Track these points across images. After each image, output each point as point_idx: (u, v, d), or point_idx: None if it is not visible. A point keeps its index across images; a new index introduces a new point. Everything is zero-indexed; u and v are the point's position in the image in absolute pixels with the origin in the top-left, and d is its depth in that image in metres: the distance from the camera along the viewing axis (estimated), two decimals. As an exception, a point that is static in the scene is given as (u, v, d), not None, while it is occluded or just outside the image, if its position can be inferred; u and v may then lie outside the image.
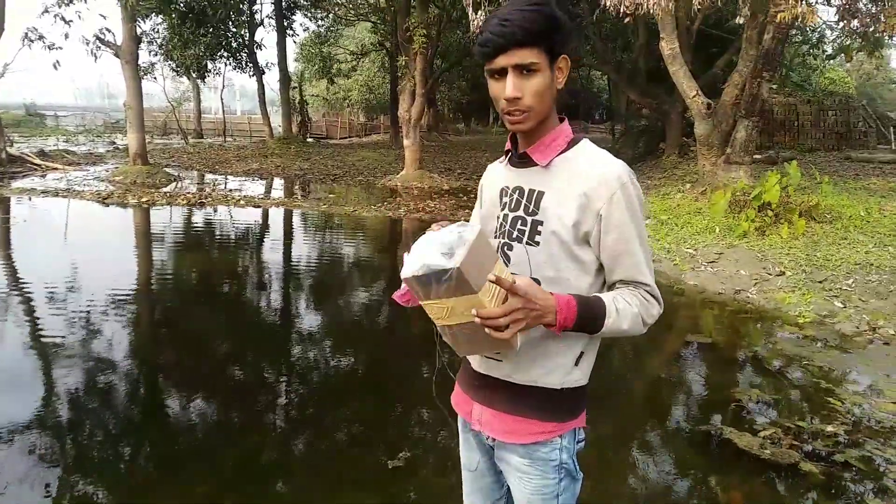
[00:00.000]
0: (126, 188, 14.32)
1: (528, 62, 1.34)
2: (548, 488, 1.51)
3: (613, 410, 4.03)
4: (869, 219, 8.69)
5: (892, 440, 3.57)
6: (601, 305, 1.36)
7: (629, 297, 1.40)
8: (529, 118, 1.39)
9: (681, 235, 8.74)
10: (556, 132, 1.46)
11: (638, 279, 1.43)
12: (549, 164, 1.44)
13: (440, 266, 1.23)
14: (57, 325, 5.37)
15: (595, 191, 1.39)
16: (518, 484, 1.54)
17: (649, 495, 3.13)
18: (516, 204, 1.48)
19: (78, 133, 33.41)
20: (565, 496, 1.54)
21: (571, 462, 1.53)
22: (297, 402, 4.21)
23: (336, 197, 14.37)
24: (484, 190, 1.64)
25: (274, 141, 26.49)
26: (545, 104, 1.40)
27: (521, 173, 1.49)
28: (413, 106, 16.39)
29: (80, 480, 3.11)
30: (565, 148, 1.45)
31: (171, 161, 20.72)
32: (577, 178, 1.41)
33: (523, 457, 1.51)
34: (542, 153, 1.45)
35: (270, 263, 8.50)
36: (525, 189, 1.47)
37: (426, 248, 1.28)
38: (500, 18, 1.34)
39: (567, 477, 1.53)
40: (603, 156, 1.44)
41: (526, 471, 1.51)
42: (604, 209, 1.38)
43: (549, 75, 1.38)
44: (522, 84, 1.36)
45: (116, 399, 4.07)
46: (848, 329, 5.47)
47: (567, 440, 1.51)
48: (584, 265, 1.44)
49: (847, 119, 20.56)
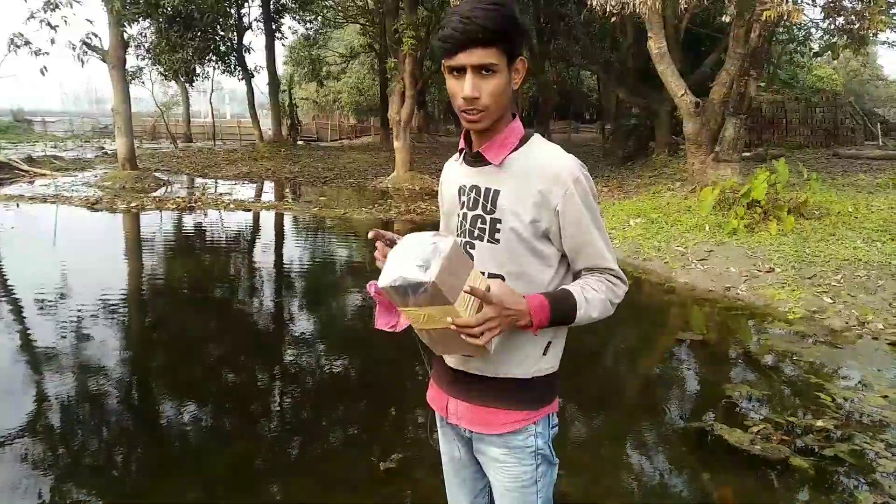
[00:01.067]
0: (115, 193, 14.25)
1: (488, 62, 1.36)
2: (526, 475, 1.54)
3: (606, 408, 4.04)
4: (857, 215, 8.75)
5: (881, 434, 3.59)
6: (571, 300, 1.41)
7: (595, 284, 1.46)
8: (485, 118, 1.41)
9: (671, 234, 8.77)
10: (508, 130, 1.48)
11: (601, 265, 1.48)
12: (502, 163, 1.47)
13: (416, 279, 1.26)
14: (46, 331, 5.34)
15: (549, 188, 1.42)
16: (496, 474, 1.57)
17: (642, 492, 3.13)
18: (474, 203, 1.50)
19: (66, 139, 33.23)
20: (543, 481, 1.57)
21: (547, 448, 1.56)
22: (288, 406, 4.20)
23: (327, 199, 14.35)
24: (443, 188, 1.67)
25: (264, 144, 26.43)
26: (501, 105, 1.41)
27: (477, 172, 1.51)
28: (403, 107, 16.39)
29: (72, 487, 3.09)
30: (517, 145, 1.48)
31: (160, 166, 20.63)
32: (530, 177, 1.44)
33: (500, 446, 1.54)
34: (495, 152, 1.47)
35: (261, 267, 8.47)
36: (482, 188, 1.49)
37: (402, 258, 1.30)
38: (461, 15, 1.34)
39: (544, 462, 1.56)
40: (554, 152, 1.47)
41: (503, 460, 1.54)
42: (560, 205, 1.42)
43: (506, 76, 1.39)
44: (481, 84, 1.37)
45: (107, 405, 4.04)
46: (837, 324, 5.50)
47: (541, 426, 1.55)
48: (545, 259, 1.48)
49: (834, 116, 20.73)
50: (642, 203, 10.88)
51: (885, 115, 27.29)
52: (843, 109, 21.15)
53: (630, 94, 18.33)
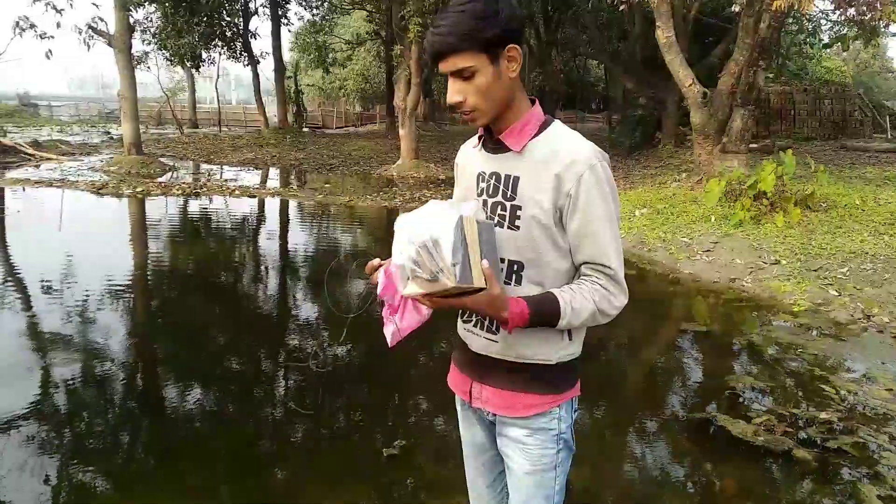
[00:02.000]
0: (121, 178, 14.27)
1: (462, 67, 1.37)
2: (546, 458, 1.56)
3: (608, 398, 4.04)
4: (864, 208, 8.70)
5: (885, 427, 3.59)
6: (556, 308, 1.39)
7: (587, 293, 1.42)
8: (479, 116, 1.43)
9: (676, 224, 8.74)
10: (528, 117, 1.47)
11: (602, 262, 1.43)
12: (523, 150, 1.46)
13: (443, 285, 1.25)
14: (52, 315, 5.36)
15: (565, 172, 1.41)
16: (517, 456, 1.57)
17: (644, 482, 3.14)
18: (494, 189, 1.50)
19: (72, 123, 33.25)
20: (562, 467, 1.59)
21: (569, 432, 1.59)
22: (292, 392, 4.21)
23: (332, 187, 14.34)
24: (460, 173, 1.66)
25: (269, 131, 26.38)
26: (493, 100, 1.41)
27: (497, 158, 1.51)
28: (409, 95, 16.33)
29: (77, 469, 3.11)
30: (537, 132, 1.47)
31: (165, 151, 20.64)
32: (549, 162, 1.43)
33: (523, 428, 1.54)
34: (515, 139, 1.47)
35: (266, 253, 8.48)
36: (501, 175, 1.49)
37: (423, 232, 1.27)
38: (434, 26, 1.38)
39: (565, 448, 1.58)
40: (573, 137, 1.46)
41: (526, 442, 1.55)
42: (572, 189, 1.40)
43: (491, 71, 1.38)
44: (464, 87, 1.39)
45: (112, 389, 4.07)
46: (842, 317, 5.48)
47: (564, 410, 1.56)
48: (562, 249, 1.46)
49: (843, 108, 20.58)
50: (648, 194, 10.84)
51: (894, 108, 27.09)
52: (852, 101, 20.99)
53: (637, 83, 18.22)
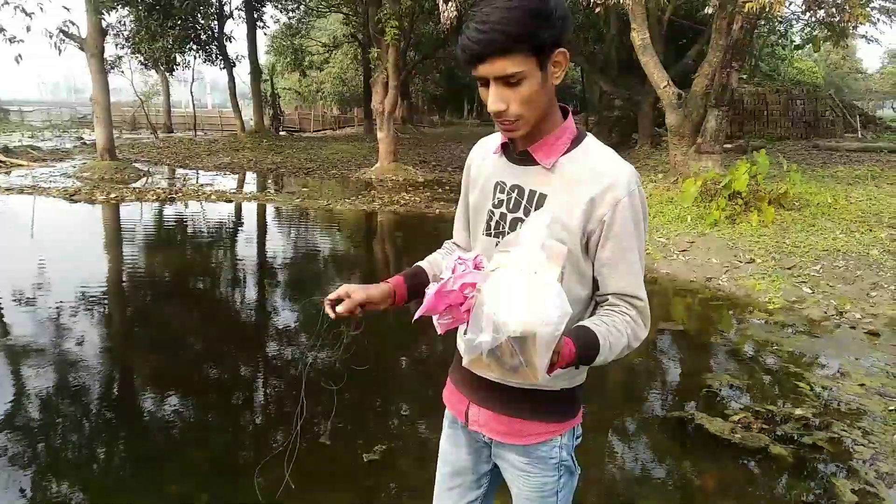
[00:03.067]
0: (94, 184, 14.04)
1: (512, 72, 1.22)
2: (548, 486, 1.50)
3: (587, 398, 4.05)
4: (836, 206, 8.86)
5: (858, 421, 3.65)
6: (596, 347, 1.26)
7: (621, 326, 1.31)
8: (521, 126, 1.30)
9: (653, 225, 8.82)
10: (561, 130, 1.36)
11: (633, 293, 1.35)
12: (553, 166, 1.34)
13: (522, 377, 1.10)
14: (25, 324, 5.26)
15: (601, 196, 1.30)
16: (517, 482, 1.52)
17: (623, 482, 3.16)
18: (515, 204, 1.38)
19: (44, 128, 32.66)
20: (564, 492, 1.53)
21: (570, 458, 1.52)
22: (271, 398, 4.18)
23: (310, 191, 14.26)
24: (475, 173, 1.53)
25: (246, 135, 26.16)
26: (537, 109, 1.29)
27: (521, 171, 1.39)
28: (386, 98, 16.30)
29: (54, 481, 3.05)
30: (569, 147, 1.36)
31: (140, 156, 20.38)
32: (583, 183, 1.32)
33: (522, 455, 1.49)
34: (546, 153, 1.35)
35: (244, 259, 8.41)
36: (525, 189, 1.37)
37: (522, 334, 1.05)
38: (477, 21, 1.21)
39: (566, 473, 1.52)
40: (610, 157, 1.36)
41: (526, 469, 1.50)
42: (608, 216, 1.30)
43: (539, 77, 1.25)
44: (508, 94, 1.25)
45: (88, 398, 4.00)
46: (816, 314, 5.57)
47: (566, 438, 1.50)
48: (584, 277, 1.38)
49: (815, 108, 20.95)
50: (625, 194, 10.91)
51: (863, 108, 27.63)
52: (824, 102, 21.38)
53: (613, 85, 18.38)
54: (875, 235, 7.47)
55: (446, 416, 1.66)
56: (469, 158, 1.58)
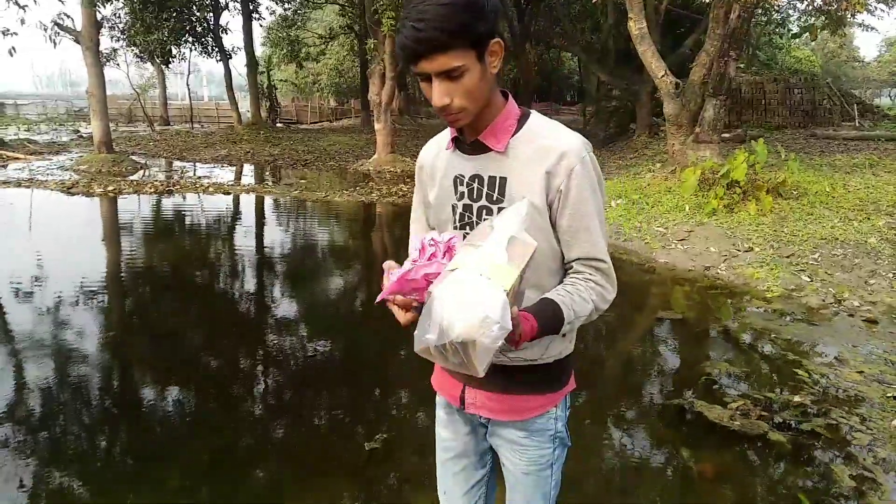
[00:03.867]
0: (91, 177, 14.02)
1: (452, 67, 1.24)
2: (543, 458, 1.54)
3: (586, 387, 4.07)
4: (834, 194, 8.86)
5: (856, 408, 3.67)
6: (560, 317, 1.32)
7: (585, 293, 1.37)
8: (464, 117, 1.33)
9: (651, 214, 8.83)
10: (505, 114, 1.39)
11: (596, 256, 1.40)
12: (507, 148, 1.38)
13: (465, 370, 1.15)
14: (24, 318, 5.26)
15: (555, 167, 1.35)
16: (513, 457, 1.55)
17: (622, 469, 3.18)
18: (478, 193, 1.42)
19: (40, 122, 32.58)
20: (558, 465, 1.58)
21: (565, 430, 1.57)
22: (272, 390, 4.19)
23: (307, 182, 14.24)
24: (427, 176, 1.56)
25: (243, 127, 26.10)
26: (480, 99, 1.32)
27: (476, 160, 1.42)
28: (383, 89, 16.26)
29: (53, 473, 3.06)
30: (517, 128, 1.39)
31: (137, 149, 20.33)
32: (537, 159, 1.36)
33: (520, 430, 1.52)
34: (496, 138, 1.38)
35: (242, 251, 8.40)
36: (485, 177, 1.41)
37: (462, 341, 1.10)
38: (413, 20, 1.22)
39: (560, 445, 1.56)
40: (557, 129, 1.40)
41: (523, 443, 1.53)
42: (563, 184, 1.35)
43: (479, 69, 1.27)
44: (451, 88, 1.27)
45: (88, 392, 4.00)
46: (814, 302, 5.59)
47: (560, 409, 1.55)
48: (554, 251, 1.42)
49: (812, 97, 20.91)
50: (623, 184, 10.93)
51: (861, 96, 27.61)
52: (821, 90, 21.34)
53: (611, 75, 18.35)
54: (873, 223, 7.48)
55: (439, 402, 1.67)
56: (419, 161, 1.59)
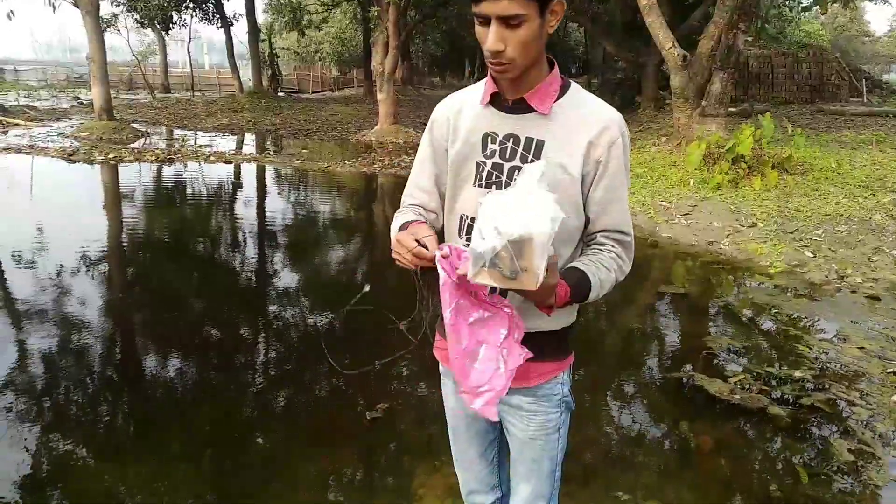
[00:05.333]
0: (92, 144, 13.94)
1: (514, 13, 1.23)
2: (551, 422, 1.56)
3: (587, 360, 4.08)
4: (840, 171, 8.80)
5: (856, 384, 3.68)
6: (588, 286, 1.34)
7: (609, 262, 1.40)
8: (512, 69, 1.31)
9: (655, 188, 8.78)
10: (551, 79, 1.39)
11: (622, 229, 1.43)
12: (550, 112, 1.38)
13: (521, 285, 1.14)
14: (26, 285, 5.26)
15: (598, 139, 1.36)
16: (520, 422, 1.57)
17: (622, 441, 3.20)
18: (511, 153, 1.40)
19: (40, 88, 32.33)
20: (564, 429, 1.60)
21: (570, 395, 1.59)
22: (273, 360, 4.20)
23: (309, 152, 14.16)
24: (451, 129, 1.51)
25: (244, 95, 25.88)
26: (531, 55, 1.30)
27: (514, 119, 1.41)
28: (386, 58, 16.08)
29: (57, 439, 3.08)
30: (559, 94, 1.40)
31: (137, 116, 20.18)
32: (579, 128, 1.37)
33: (528, 395, 1.53)
34: (540, 99, 1.38)
35: (244, 220, 8.38)
36: (521, 137, 1.39)
37: (521, 237, 1.10)
38: None
39: (566, 410, 1.59)
40: (599, 102, 1.43)
41: (531, 409, 1.55)
42: (603, 156, 1.37)
43: (537, 23, 1.27)
44: (506, 35, 1.26)
45: (91, 359, 4.02)
46: (817, 278, 5.58)
47: (566, 375, 1.58)
48: (580, 218, 1.43)
49: (821, 72, 20.66)
50: (627, 158, 10.84)
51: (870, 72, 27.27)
52: (830, 65, 21.07)
53: (617, 47, 18.10)
54: (878, 200, 7.44)
55: (445, 373, 1.68)
56: (433, 119, 1.57)
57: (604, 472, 2.90)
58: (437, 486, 2.70)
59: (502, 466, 1.76)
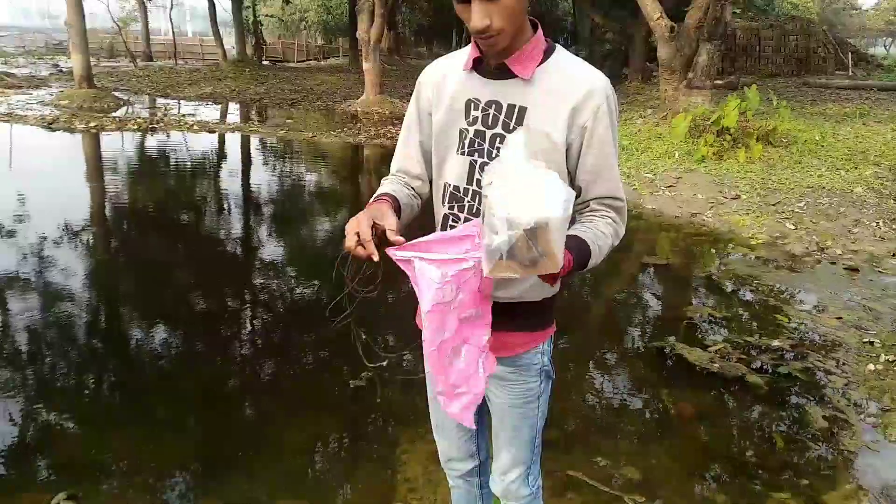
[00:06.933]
0: (72, 113, 13.68)
1: None
2: (531, 392, 1.57)
3: (569, 330, 4.12)
4: (823, 143, 8.85)
5: (833, 353, 3.75)
6: (588, 253, 1.30)
7: (605, 228, 1.37)
8: (503, 39, 1.27)
9: (641, 160, 8.79)
10: (534, 42, 1.34)
11: (615, 195, 1.40)
12: (532, 77, 1.34)
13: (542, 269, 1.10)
14: (8, 256, 5.20)
15: (582, 104, 1.32)
16: (501, 392, 1.58)
17: (602, 409, 3.25)
18: (493, 120, 1.37)
19: (17, 55, 31.58)
20: (544, 397, 1.61)
21: (550, 364, 1.60)
22: (258, 329, 4.21)
23: (294, 122, 14.01)
24: (435, 94, 1.48)
25: (228, 64, 25.47)
26: (517, 21, 1.27)
27: (496, 85, 1.37)
28: (373, 27, 15.84)
29: (41, 409, 3.08)
30: (542, 58, 1.35)
31: (119, 85, 19.80)
32: (562, 93, 1.33)
33: (508, 365, 1.54)
34: (523, 65, 1.33)
35: (229, 191, 8.31)
36: (503, 104, 1.36)
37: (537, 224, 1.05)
38: None
39: (546, 379, 1.60)
40: (583, 65, 1.37)
41: (511, 378, 1.55)
42: (589, 122, 1.33)
43: None
44: (490, 9, 1.22)
45: (75, 328, 4.00)
46: (798, 250, 5.64)
47: (547, 344, 1.58)
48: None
49: (807, 45, 20.65)
50: (614, 130, 10.83)
51: (856, 45, 27.29)
52: (816, 38, 21.06)
53: (605, 18, 17.97)
54: (860, 173, 7.50)
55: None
56: (419, 83, 1.53)
57: (584, 438, 2.95)
58: (421, 453, 2.73)
59: (481, 434, 1.77)
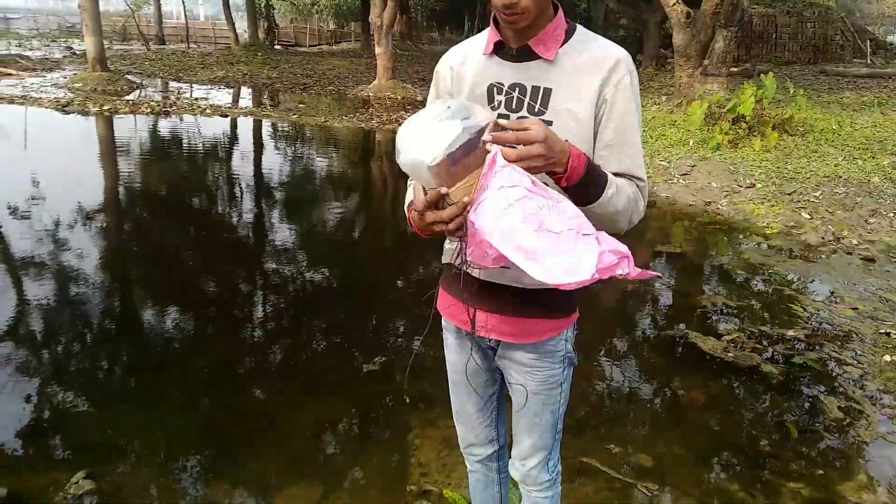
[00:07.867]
0: (86, 95, 13.73)
1: None
2: (553, 378, 1.57)
3: (585, 317, 4.10)
4: (840, 132, 8.74)
5: (848, 343, 3.72)
6: (604, 174, 1.28)
7: (626, 184, 1.34)
8: (527, 17, 1.27)
9: (655, 148, 8.72)
10: (556, 22, 1.34)
11: (635, 173, 1.37)
12: (555, 58, 1.34)
13: (475, 125, 1.12)
14: (22, 238, 5.24)
15: (606, 80, 1.32)
16: (523, 378, 1.57)
17: (614, 397, 3.24)
18: (518, 103, 1.36)
19: (31, 37, 31.67)
20: (566, 384, 1.61)
21: (573, 351, 1.59)
22: (271, 313, 4.22)
23: (306, 107, 13.99)
24: (456, 81, 1.47)
25: (240, 48, 25.44)
26: (543, 2, 1.28)
27: (518, 67, 1.37)
28: (385, 11, 15.75)
29: (56, 389, 3.11)
30: (564, 39, 1.35)
31: (132, 68, 19.84)
32: (587, 72, 1.33)
33: (531, 352, 1.53)
34: (546, 46, 1.33)
35: (241, 175, 8.32)
36: (527, 86, 1.36)
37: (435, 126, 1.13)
38: None
39: (569, 365, 1.59)
40: (605, 42, 1.38)
41: (534, 365, 1.55)
42: (609, 95, 1.32)
43: None
44: None
45: (89, 310, 4.03)
46: (813, 239, 5.59)
47: (570, 331, 1.57)
48: None
49: (825, 32, 20.33)
50: (627, 117, 10.74)
51: (875, 33, 26.87)
52: (834, 25, 20.73)
53: (619, 3, 17.76)
54: (877, 162, 7.40)
55: (447, 327, 1.67)
56: (438, 71, 1.52)
57: (596, 425, 2.94)
58: (433, 438, 2.74)
59: (501, 420, 1.77)
